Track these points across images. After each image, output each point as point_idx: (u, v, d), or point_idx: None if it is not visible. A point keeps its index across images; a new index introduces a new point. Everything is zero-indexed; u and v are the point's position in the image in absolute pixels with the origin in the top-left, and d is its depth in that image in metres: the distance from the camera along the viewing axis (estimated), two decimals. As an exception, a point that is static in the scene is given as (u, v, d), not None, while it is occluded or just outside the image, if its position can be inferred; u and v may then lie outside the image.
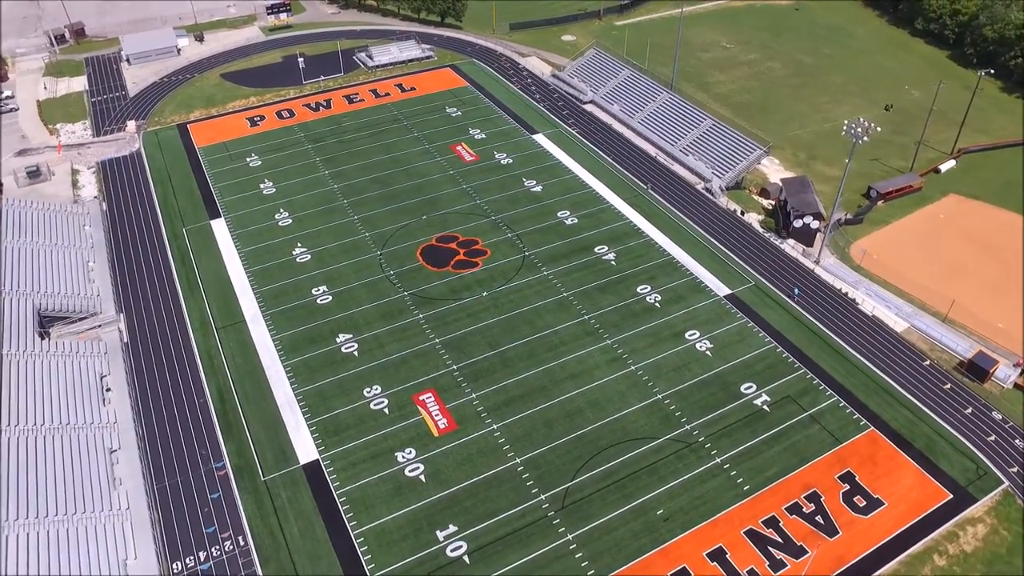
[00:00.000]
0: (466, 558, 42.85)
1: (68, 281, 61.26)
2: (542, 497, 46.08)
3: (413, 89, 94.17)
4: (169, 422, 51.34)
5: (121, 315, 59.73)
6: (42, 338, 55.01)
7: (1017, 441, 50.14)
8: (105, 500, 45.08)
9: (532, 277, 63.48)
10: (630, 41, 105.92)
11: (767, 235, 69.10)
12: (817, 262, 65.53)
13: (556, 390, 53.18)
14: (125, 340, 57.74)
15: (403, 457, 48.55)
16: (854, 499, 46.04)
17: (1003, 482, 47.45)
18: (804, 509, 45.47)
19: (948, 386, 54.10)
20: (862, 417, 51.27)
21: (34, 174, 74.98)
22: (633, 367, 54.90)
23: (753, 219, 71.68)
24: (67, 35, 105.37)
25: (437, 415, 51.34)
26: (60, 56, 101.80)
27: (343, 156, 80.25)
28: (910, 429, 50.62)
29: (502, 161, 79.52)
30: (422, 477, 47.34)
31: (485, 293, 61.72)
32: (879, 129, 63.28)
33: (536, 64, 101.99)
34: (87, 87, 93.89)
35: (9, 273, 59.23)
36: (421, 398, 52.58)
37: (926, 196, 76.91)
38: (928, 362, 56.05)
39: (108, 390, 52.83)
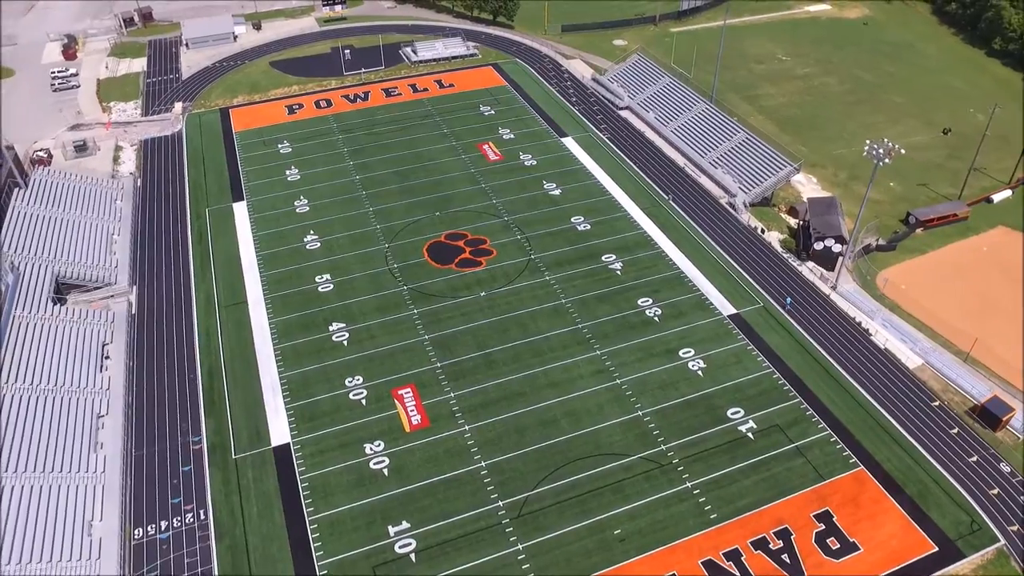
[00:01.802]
0: (412, 556, 42.65)
1: (90, 251, 64.27)
2: (500, 504, 45.40)
3: (451, 86, 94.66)
4: (158, 394, 53.14)
5: (133, 287, 62.37)
6: (55, 303, 57.90)
7: (1023, 498, 46.29)
8: (84, 462, 46.99)
9: (533, 281, 62.72)
10: (683, 49, 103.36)
11: (786, 256, 66.10)
12: (834, 287, 62.29)
13: (535, 397, 52.34)
14: (133, 312, 60.18)
15: (371, 449, 48.75)
16: (827, 540, 43.44)
17: (999, 540, 43.81)
18: (771, 545, 43.19)
19: (955, 431, 50.43)
20: (852, 455, 48.34)
21: (81, 148, 79.10)
22: (618, 380, 53.48)
23: (774, 238, 68.77)
24: (136, 18, 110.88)
25: (412, 411, 51.34)
26: (126, 38, 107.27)
27: (370, 148, 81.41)
28: (903, 472, 47.41)
29: (526, 162, 78.97)
30: (385, 471, 47.41)
31: (483, 293, 61.36)
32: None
33: (579, 67, 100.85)
34: (145, 68, 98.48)
35: (36, 240, 62.60)
36: (400, 392, 52.69)
37: (972, 226, 72.07)
38: (937, 403, 52.41)
39: (107, 358, 55.14)
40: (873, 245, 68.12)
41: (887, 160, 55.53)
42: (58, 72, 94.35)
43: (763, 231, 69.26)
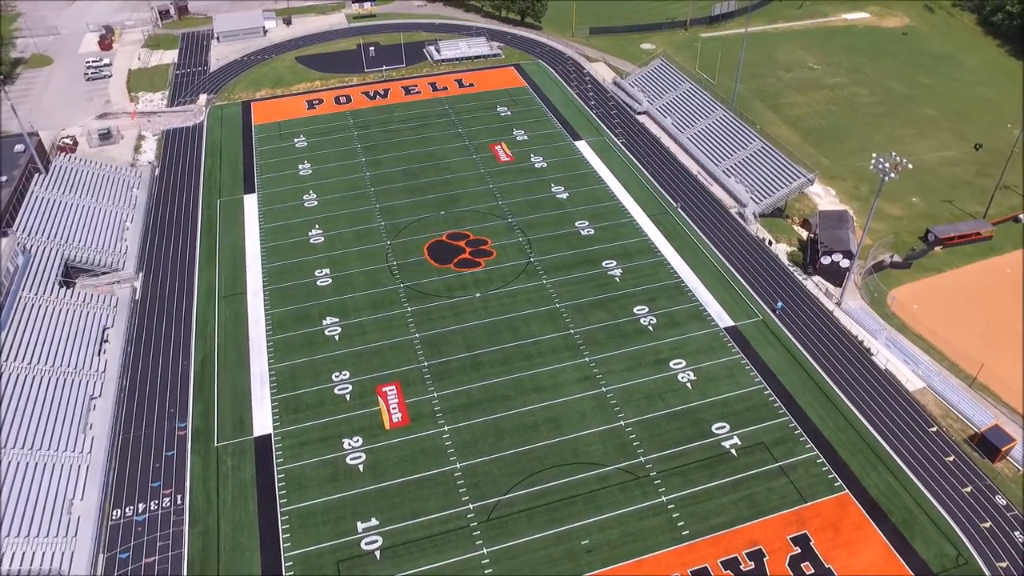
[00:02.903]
0: (377, 554, 42.71)
1: (101, 237, 66.10)
2: (470, 507, 45.16)
3: (471, 85, 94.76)
4: (151, 379, 54.29)
5: (139, 274, 63.89)
6: (62, 286, 59.65)
7: (1017, 533, 44.15)
8: (72, 442, 48.30)
9: (530, 284, 62.32)
10: (710, 55, 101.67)
11: (792, 269, 64.39)
12: (839, 304, 60.44)
13: (518, 401, 51.97)
14: (136, 298, 61.63)
15: (349, 444, 49.00)
16: (801, 565, 42.11)
17: None
18: (742, 566, 42.07)
19: (951, 459, 48.41)
20: (838, 477, 46.80)
21: (105, 136, 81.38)
22: (604, 389, 52.76)
23: (782, 251, 67.04)
24: (171, 11, 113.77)
25: (394, 408, 51.45)
26: (161, 30, 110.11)
27: (384, 145, 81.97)
28: (890, 499, 45.69)
29: (536, 164, 78.57)
30: (361, 467, 47.60)
31: (478, 295, 61.20)
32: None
33: (601, 70, 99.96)
34: (176, 60, 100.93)
35: (50, 224, 64.65)
36: (384, 389, 52.86)
37: (995, 246, 69.17)
38: (935, 429, 50.39)
39: (106, 341, 56.59)
40: (887, 262, 65.92)
41: (893, 175, 53.59)
42: (92, 62, 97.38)
43: (771, 243, 67.61)
